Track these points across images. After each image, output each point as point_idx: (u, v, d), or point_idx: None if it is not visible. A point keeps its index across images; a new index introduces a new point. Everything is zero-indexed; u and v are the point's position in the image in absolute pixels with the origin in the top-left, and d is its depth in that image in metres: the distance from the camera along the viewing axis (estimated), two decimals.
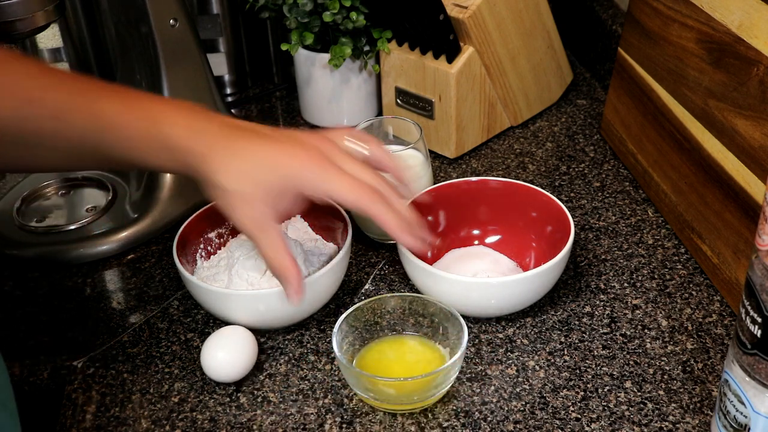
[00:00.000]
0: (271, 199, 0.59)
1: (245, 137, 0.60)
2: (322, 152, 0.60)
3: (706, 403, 0.63)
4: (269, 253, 0.61)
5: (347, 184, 0.59)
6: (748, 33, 0.70)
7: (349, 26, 0.94)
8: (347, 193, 0.59)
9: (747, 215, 0.69)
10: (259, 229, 0.60)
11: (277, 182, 0.59)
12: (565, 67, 1.06)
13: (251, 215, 0.59)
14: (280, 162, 0.59)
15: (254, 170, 0.59)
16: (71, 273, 0.81)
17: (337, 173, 0.60)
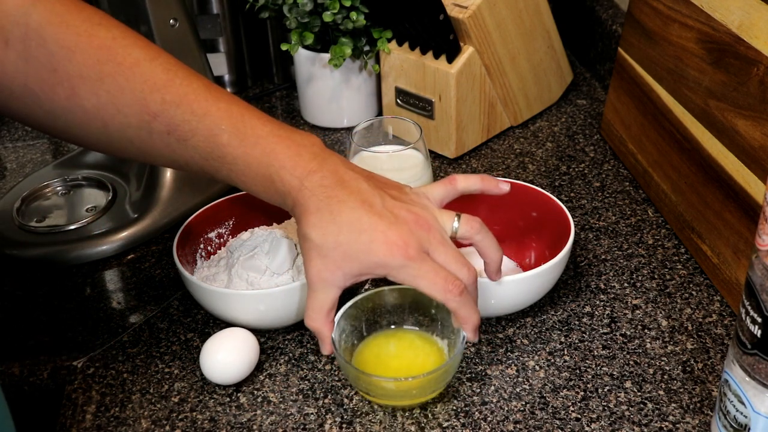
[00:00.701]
0: (348, 269, 0.60)
1: (349, 200, 0.60)
2: (419, 241, 0.59)
3: (706, 403, 0.63)
4: (312, 311, 0.61)
5: (439, 282, 0.59)
6: (748, 33, 0.70)
7: (349, 26, 0.94)
8: (436, 291, 0.59)
9: (747, 215, 0.69)
10: (320, 283, 0.60)
11: (364, 262, 0.59)
12: (565, 67, 1.06)
13: (320, 271, 0.60)
14: (375, 245, 0.59)
15: (345, 240, 0.59)
16: (71, 273, 0.81)
17: (428, 270, 0.59)
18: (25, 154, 1.04)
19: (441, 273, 0.59)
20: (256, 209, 0.79)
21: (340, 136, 1.03)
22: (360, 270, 0.60)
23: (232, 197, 0.78)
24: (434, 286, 0.59)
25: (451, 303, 0.60)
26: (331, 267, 0.59)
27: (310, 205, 0.59)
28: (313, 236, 0.59)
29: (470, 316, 0.61)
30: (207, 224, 0.77)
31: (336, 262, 0.59)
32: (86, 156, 0.95)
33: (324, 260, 0.59)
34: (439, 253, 0.60)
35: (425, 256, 0.60)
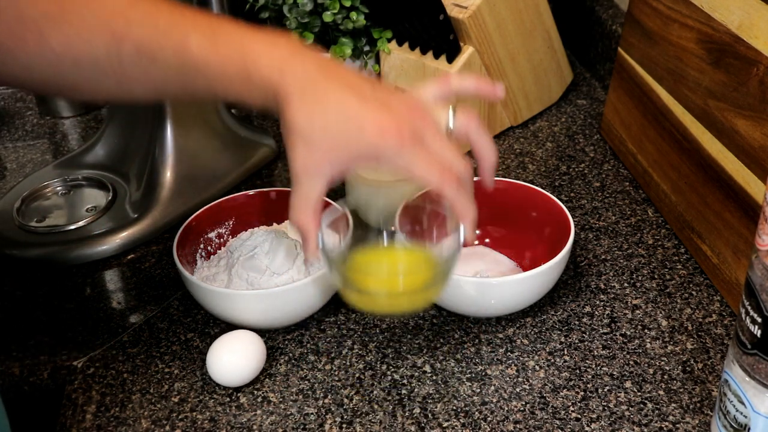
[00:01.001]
0: (336, 157, 0.55)
1: (336, 86, 0.56)
2: (413, 127, 0.56)
3: (706, 403, 0.63)
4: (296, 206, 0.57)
5: (434, 168, 0.55)
6: (748, 33, 0.70)
7: (349, 26, 0.94)
8: (432, 178, 0.55)
9: (747, 215, 0.69)
10: (305, 174, 0.56)
11: (354, 148, 0.55)
12: (565, 67, 1.06)
13: (305, 160, 0.56)
14: (365, 129, 0.55)
15: (333, 124, 0.55)
16: (71, 273, 0.81)
17: (423, 155, 0.55)
18: (25, 154, 1.04)
19: (437, 160, 0.56)
20: (256, 209, 0.79)
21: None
22: (349, 158, 0.56)
23: (232, 197, 0.78)
24: (430, 173, 0.56)
25: (449, 192, 0.56)
26: (317, 155, 0.55)
27: (294, 90, 0.55)
28: (298, 122, 0.55)
29: (468, 208, 0.58)
30: (207, 224, 0.77)
31: (323, 150, 0.55)
32: (86, 156, 0.95)
33: (310, 148, 0.55)
34: (434, 142, 0.57)
35: (419, 142, 0.56)
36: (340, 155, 0.55)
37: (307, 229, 0.58)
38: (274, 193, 0.79)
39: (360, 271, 0.61)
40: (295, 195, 0.57)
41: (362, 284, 0.59)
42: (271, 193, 0.79)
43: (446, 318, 0.73)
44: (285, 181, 0.95)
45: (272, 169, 0.97)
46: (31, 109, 1.15)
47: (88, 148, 0.96)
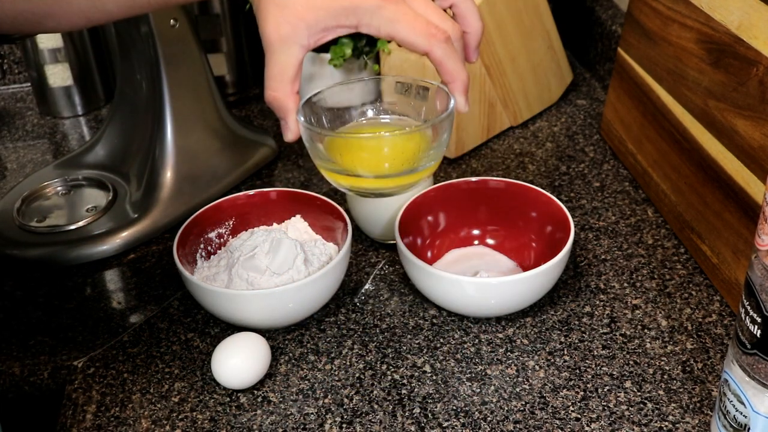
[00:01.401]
0: (313, 19, 0.51)
1: None
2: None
3: (706, 403, 0.63)
4: (272, 78, 0.52)
5: (420, 25, 0.51)
6: (747, 33, 0.70)
7: None
8: (418, 35, 0.51)
9: (747, 215, 0.69)
10: (279, 41, 0.51)
11: (331, 8, 0.50)
12: (565, 67, 1.06)
13: (278, 25, 0.51)
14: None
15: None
16: (71, 273, 0.81)
17: (407, 11, 0.51)
18: (25, 154, 1.04)
19: (421, 18, 0.51)
20: (256, 209, 0.79)
21: None
22: (326, 20, 0.51)
23: (232, 197, 0.78)
24: (415, 30, 0.51)
25: (436, 50, 0.52)
26: (291, 19, 0.51)
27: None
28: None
29: (458, 70, 0.54)
30: (207, 224, 0.77)
31: (297, 13, 0.50)
32: (86, 156, 0.95)
33: (283, 11, 0.50)
34: (416, 2, 0.52)
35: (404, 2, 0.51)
36: (318, 16, 0.51)
37: (285, 106, 0.53)
38: (274, 193, 0.79)
39: (344, 152, 0.55)
40: (270, 67, 0.52)
41: (348, 166, 0.53)
42: (271, 193, 0.79)
43: (446, 318, 0.73)
44: (285, 181, 0.95)
45: (272, 169, 0.97)
46: (31, 109, 1.15)
47: (88, 148, 0.96)
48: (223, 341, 0.67)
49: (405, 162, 0.54)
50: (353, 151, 0.54)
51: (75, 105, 1.13)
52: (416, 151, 0.54)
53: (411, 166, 0.54)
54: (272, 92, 0.52)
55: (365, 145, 0.55)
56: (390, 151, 0.54)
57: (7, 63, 1.20)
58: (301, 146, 1.02)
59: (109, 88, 1.15)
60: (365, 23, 0.51)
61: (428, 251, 0.78)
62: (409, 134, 0.56)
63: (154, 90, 0.85)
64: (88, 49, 1.11)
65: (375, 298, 0.75)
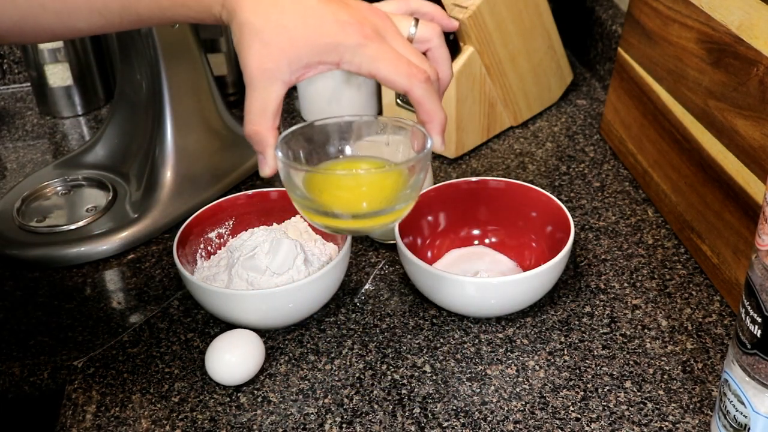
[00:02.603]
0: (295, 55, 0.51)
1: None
2: (374, 23, 0.52)
3: (706, 403, 0.63)
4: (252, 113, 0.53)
5: (402, 65, 0.51)
6: (748, 33, 0.70)
7: None
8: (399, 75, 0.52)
9: (747, 215, 0.69)
10: (261, 77, 0.52)
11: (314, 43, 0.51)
12: (565, 67, 1.06)
13: (261, 61, 0.51)
14: (326, 26, 0.51)
15: (291, 20, 0.51)
16: (71, 273, 0.81)
17: (388, 51, 0.51)
18: (25, 154, 1.04)
19: (403, 57, 0.52)
20: (256, 209, 0.79)
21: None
22: (309, 56, 0.51)
23: (232, 197, 0.78)
24: (396, 70, 0.51)
25: (417, 90, 0.52)
26: (275, 55, 0.51)
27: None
28: (253, 20, 0.51)
29: (437, 110, 0.54)
30: (207, 224, 0.77)
31: (280, 49, 0.51)
32: (86, 156, 0.95)
33: (266, 47, 0.51)
34: (397, 42, 0.53)
35: (383, 39, 0.52)
36: (300, 53, 0.51)
37: (265, 141, 0.53)
38: (275, 193, 0.79)
39: (322, 189, 0.55)
40: (250, 101, 0.53)
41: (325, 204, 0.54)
42: (271, 193, 0.79)
43: (446, 318, 0.73)
44: None
45: None
46: (31, 109, 1.15)
47: (88, 148, 0.96)
48: (215, 339, 0.67)
49: (382, 201, 0.54)
50: (330, 189, 0.55)
51: (75, 105, 1.13)
52: (393, 190, 0.54)
53: (387, 205, 0.55)
54: (252, 126, 0.53)
55: (343, 183, 0.55)
56: (367, 190, 0.54)
57: (7, 63, 1.20)
58: None
59: (109, 88, 1.15)
60: (347, 60, 0.52)
61: (428, 251, 0.78)
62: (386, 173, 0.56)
63: (154, 90, 0.85)
64: (88, 49, 1.11)
65: (375, 298, 0.75)
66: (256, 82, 0.52)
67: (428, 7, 0.60)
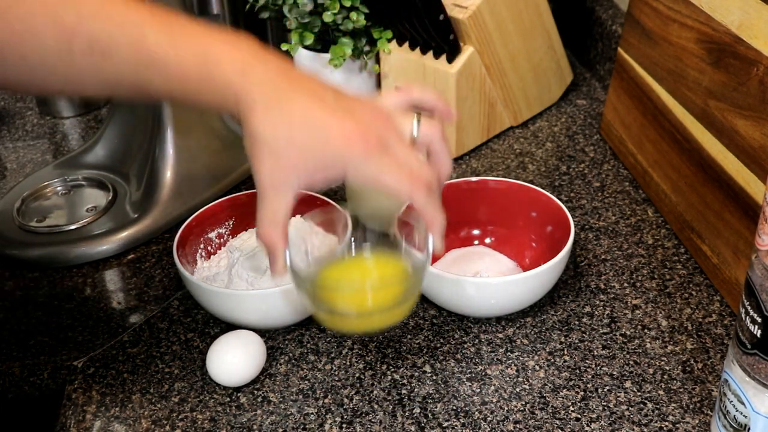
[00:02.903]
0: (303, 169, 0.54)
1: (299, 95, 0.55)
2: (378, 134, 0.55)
3: (706, 403, 0.63)
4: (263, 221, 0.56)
5: (403, 176, 0.54)
6: (748, 33, 0.70)
7: (349, 26, 0.94)
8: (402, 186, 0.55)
9: (747, 215, 0.69)
10: (272, 188, 0.55)
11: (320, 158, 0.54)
12: (565, 67, 1.06)
13: (271, 172, 0.54)
14: (332, 140, 0.54)
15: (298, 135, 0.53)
16: (71, 273, 0.81)
17: (391, 162, 0.54)
18: (25, 154, 1.04)
19: (405, 167, 0.55)
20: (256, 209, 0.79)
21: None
22: (315, 168, 0.54)
23: (232, 197, 0.78)
24: (400, 181, 0.55)
25: (419, 200, 0.55)
26: (284, 166, 0.54)
27: (257, 98, 0.54)
28: (263, 133, 0.53)
29: (437, 216, 0.57)
30: (207, 224, 0.77)
31: (290, 160, 0.54)
32: (86, 156, 0.95)
33: (276, 159, 0.54)
34: (399, 150, 0.55)
35: (385, 149, 0.55)
36: (307, 166, 0.54)
37: (275, 247, 0.57)
38: None
39: (328, 288, 0.60)
40: (262, 210, 0.56)
41: (331, 303, 0.58)
42: None
43: (446, 318, 0.73)
44: None
45: None
46: (31, 109, 1.15)
47: (88, 148, 0.96)
48: (217, 340, 0.67)
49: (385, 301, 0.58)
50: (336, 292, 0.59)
51: (75, 105, 1.13)
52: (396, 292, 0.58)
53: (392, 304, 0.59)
54: (264, 233, 0.56)
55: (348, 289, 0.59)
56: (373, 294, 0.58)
57: None
58: None
59: None
60: (352, 171, 0.54)
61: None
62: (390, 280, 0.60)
63: None
64: None
65: None
66: (267, 192, 0.55)
67: (429, 98, 0.62)
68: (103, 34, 0.54)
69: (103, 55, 0.54)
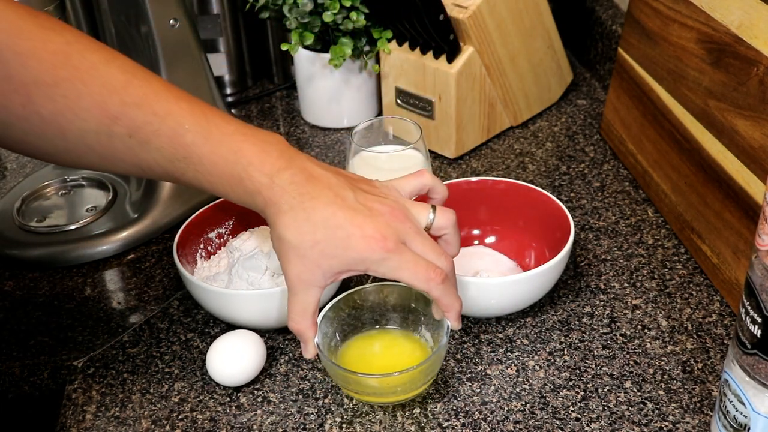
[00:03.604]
0: (327, 268, 0.59)
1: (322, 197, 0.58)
2: (396, 232, 0.59)
3: (706, 403, 0.63)
4: (294, 313, 0.61)
5: (420, 272, 0.59)
6: (748, 33, 0.70)
7: (349, 26, 0.94)
8: (419, 281, 0.59)
9: (747, 215, 0.69)
10: (301, 286, 0.59)
11: (343, 260, 0.58)
12: (565, 67, 1.06)
13: (299, 272, 0.59)
14: (353, 241, 0.58)
15: (322, 239, 0.58)
16: (71, 273, 0.81)
17: (408, 260, 0.59)
18: None
19: (421, 262, 0.59)
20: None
21: (340, 136, 1.03)
22: (340, 267, 0.59)
23: None
24: (416, 276, 0.59)
25: (435, 291, 0.60)
26: (310, 267, 0.59)
27: (283, 204, 0.58)
28: (289, 237, 0.58)
29: (453, 303, 0.61)
30: (207, 224, 0.77)
31: (315, 261, 0.58)
32: None
33: (302, 260, 0.58)
34: (416, 244, 0.60)
35: (404, 248, 0.59)
36: (331, 265, 0.59)
37: (307, 336, 0.61)
38: None
39: (354, 365, 0.65)
40: (293, 304, 0.60)
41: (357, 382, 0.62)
42: None
43: None
44: None
45: None
46: None
47: None
48: (217, 340, 0.67)
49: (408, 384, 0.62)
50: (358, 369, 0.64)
51: None
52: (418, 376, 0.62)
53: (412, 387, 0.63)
54: (295, 324, 0.61)
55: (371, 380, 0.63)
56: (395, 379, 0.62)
57: None
58: (301, 145, 1.02)
59: None
60: (373, 270, 0.59)
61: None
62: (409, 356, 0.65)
63: None
64: None
65: None
66: (296, 289, 0.60)
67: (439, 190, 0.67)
68: (144, 124, 0.58)
69: (141, 143, 0.58)
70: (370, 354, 0.66)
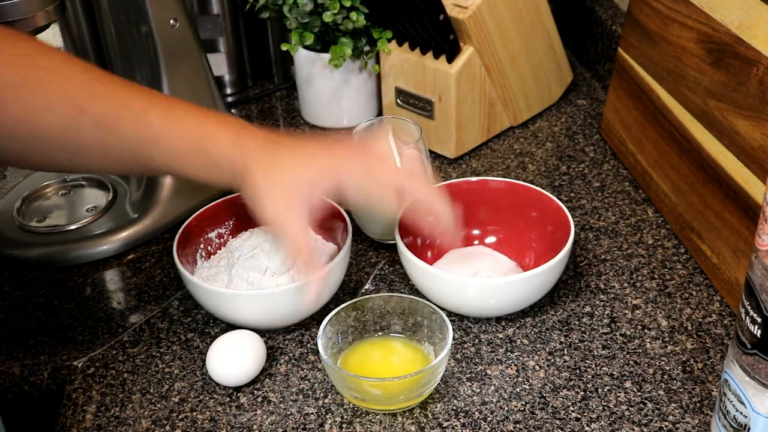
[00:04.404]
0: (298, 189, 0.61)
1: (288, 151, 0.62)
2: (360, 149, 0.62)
3: (706, 403, 0.63)
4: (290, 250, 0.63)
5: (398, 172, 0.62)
6: (748, 33, 0.70)
7: (349, 26, 0.94)
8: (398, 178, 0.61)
9: (747, 215, 0.69)
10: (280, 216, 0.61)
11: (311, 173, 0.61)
12: (565, 67, 1.06)
13: (274, 205, 0.61)
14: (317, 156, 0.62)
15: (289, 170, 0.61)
16: (71, 273, 0.81)
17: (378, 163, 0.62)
18: None
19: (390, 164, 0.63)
20: None
21: (341, 136, 1.03)
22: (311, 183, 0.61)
23: (233, 197, 0.78)
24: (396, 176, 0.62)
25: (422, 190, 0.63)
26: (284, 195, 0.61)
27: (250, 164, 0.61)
28: (259, 181, 0.61)
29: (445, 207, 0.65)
30: (207, 224, 0.77)
31: (286, 190, 0.61)
32: None
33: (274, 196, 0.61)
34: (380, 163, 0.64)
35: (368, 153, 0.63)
36: (302, 184, 0.61)
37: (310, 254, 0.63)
38: None
39: (356, 371, 0.65)
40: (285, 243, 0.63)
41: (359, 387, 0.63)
42: None
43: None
44: None
45: None
46: None
47: None
48: (217, 340, 0.67)
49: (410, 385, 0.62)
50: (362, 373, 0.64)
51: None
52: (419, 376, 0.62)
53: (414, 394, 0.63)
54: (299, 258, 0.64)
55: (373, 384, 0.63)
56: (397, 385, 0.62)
57: None
58: None
59: None
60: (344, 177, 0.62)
61: (428, 251, 0.78)
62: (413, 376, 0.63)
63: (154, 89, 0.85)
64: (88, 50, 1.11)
65: None
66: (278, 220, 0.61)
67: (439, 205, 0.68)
68: (110, 112, 0.60)
69: (109, 132, 0.60)
70: (371, 361, 0.67)
